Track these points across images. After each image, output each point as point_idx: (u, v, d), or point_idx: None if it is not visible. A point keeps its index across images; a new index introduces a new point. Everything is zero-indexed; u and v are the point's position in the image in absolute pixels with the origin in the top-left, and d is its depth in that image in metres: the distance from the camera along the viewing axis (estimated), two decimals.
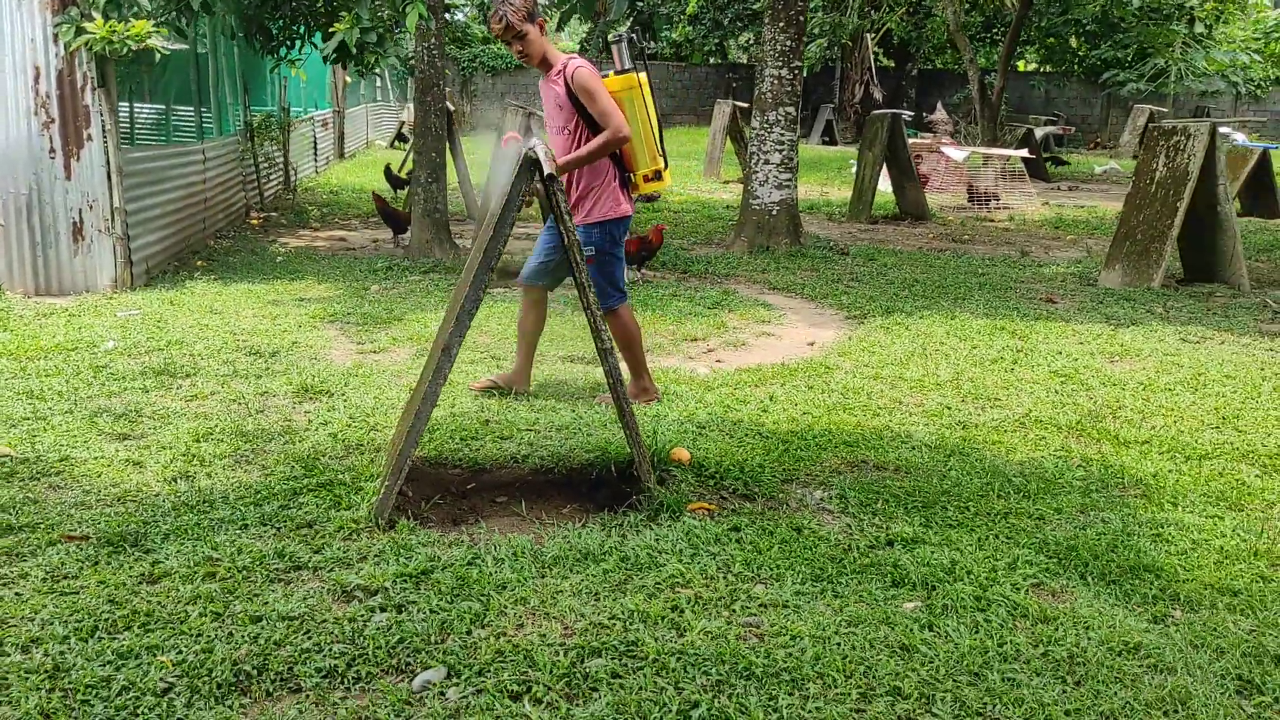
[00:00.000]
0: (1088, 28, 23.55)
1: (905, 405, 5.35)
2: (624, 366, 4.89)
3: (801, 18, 10.02)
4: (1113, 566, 3.47)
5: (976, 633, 3.03)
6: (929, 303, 7.96)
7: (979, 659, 2.89)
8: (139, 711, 2.61)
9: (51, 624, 2.98)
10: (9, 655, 2.83)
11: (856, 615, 3.11)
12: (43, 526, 3.64)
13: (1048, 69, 31.56)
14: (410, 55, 10.65)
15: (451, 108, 10.56)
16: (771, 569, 3.41)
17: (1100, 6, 20.10)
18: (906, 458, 4.53)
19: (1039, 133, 20.82)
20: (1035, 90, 31.29)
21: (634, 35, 5.18)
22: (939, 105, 24.98)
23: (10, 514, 3.72)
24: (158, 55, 7.53)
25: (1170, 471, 4.41)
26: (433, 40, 9.32)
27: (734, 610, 3.15)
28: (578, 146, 4.86)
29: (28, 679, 2.72)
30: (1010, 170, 16.07)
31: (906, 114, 14.36)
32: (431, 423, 4.73)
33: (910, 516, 3.88)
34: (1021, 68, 33.92)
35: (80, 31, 7.33)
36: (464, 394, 5.30)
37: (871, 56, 29.95)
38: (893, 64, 32.85)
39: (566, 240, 3.71)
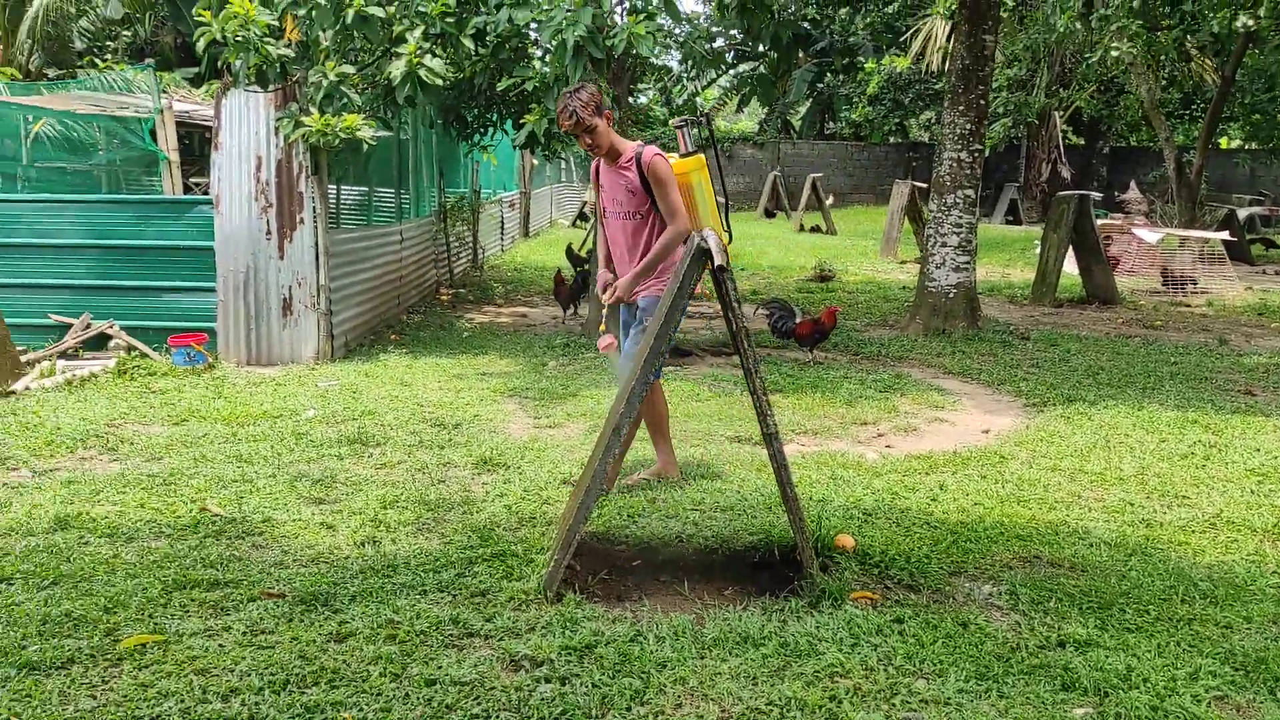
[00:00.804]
0: None
1: (1084, 499, 5.16)
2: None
3: (982, 101, 9.95)
4: None
5: None
6: (1115, 392, 7.65)
7: None
8: None
9: (249, 675, 3.23)
10: (210, 703, 3.08)
11: (1022, 718, 3.03)
12: (245, 583, 3.95)
13: (1253, 146, 29.94)
14: None
15: None
16: (934, 664, 3.36)
17: None
18: (1083, 555, 4.37)
19: (1242, 213, 19.77)
20: (1239, 168, 29.72)
21: (703, 119, 5.35)
22: (1132, 184, 24.06)
23: (218, 570, 4.05)
24: (365, 145, 8.16)
25: None
26: (615, 127, 9.70)
27: (893, 704, 3.11)
28: (649, 232, 5.00)
29: None
30: (1209, 253, 15.28)
31: (1094, 194, 13.93)
32: (600, 499, 4.88)
33: (1085, 617, 3.74)
34: (1224, 145, 32.33)
35: (298, 124, 8.03)
36: (631, 471, 5.44)
37: (1060, 134, 29.20)
38: (1082, 142, 31.91)
39: (734, 327, 3.81)
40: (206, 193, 10.35)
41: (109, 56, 19.85)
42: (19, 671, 3.22)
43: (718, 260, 3.52)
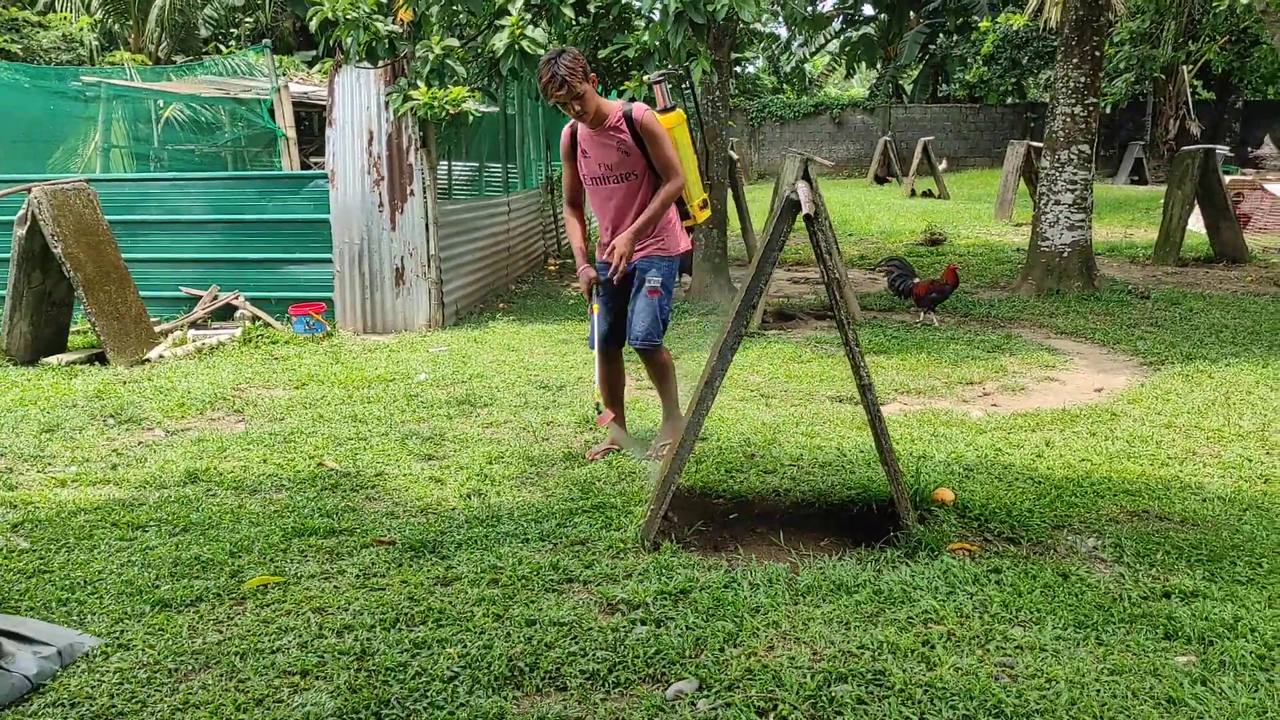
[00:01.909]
0: None
1: (1199, 456, 5.01)
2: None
3: (1098, 53, 9.60)
4: None
5: (1255, 692, 2.83)
6: (1239, 350, 7.36)
7: (1256, 718, 2.71)
8: (428, 694, 2.94)
9: (362, 614, 3.40)
10: (327, 638, 3.26)
11: (1120, 664, 2.99)
12: (359, 531, 4.14)
13: None
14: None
15: (735, 156, 10.91)
16: (1031, 612, 3.33)
17: None
18: (1195, 509, 4.26)
19: None
20: None
21: (683, 72, 5.16)
22: (1267, 139, 22.92)
23: (334, 519, 4.26)
24: (470, 117, 8.33)
25: None
26: (716, 93, 9.71)
27: (987, 649, 3.11)
28: (643, 192, 4.81)
29: (340, 659, 3.13)
30: None
31: (1222, 149, 13.30)
32: (699, 454, 4.95)
33: (1192, 569, 3.65)
34: None
35: (407, 99, 8.25)
36: (731, 428, 5.49)
37: (1188, 89, 27.90)
38: (1213, 96, 30.41)
39: (827, 279, 3.82)
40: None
41: (232, 43, 20.63)
42: (152, 608, 3.46)
43: (805, 210, 3.53)
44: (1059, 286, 9.76)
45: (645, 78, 6.47)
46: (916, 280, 8.81)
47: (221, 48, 18.45)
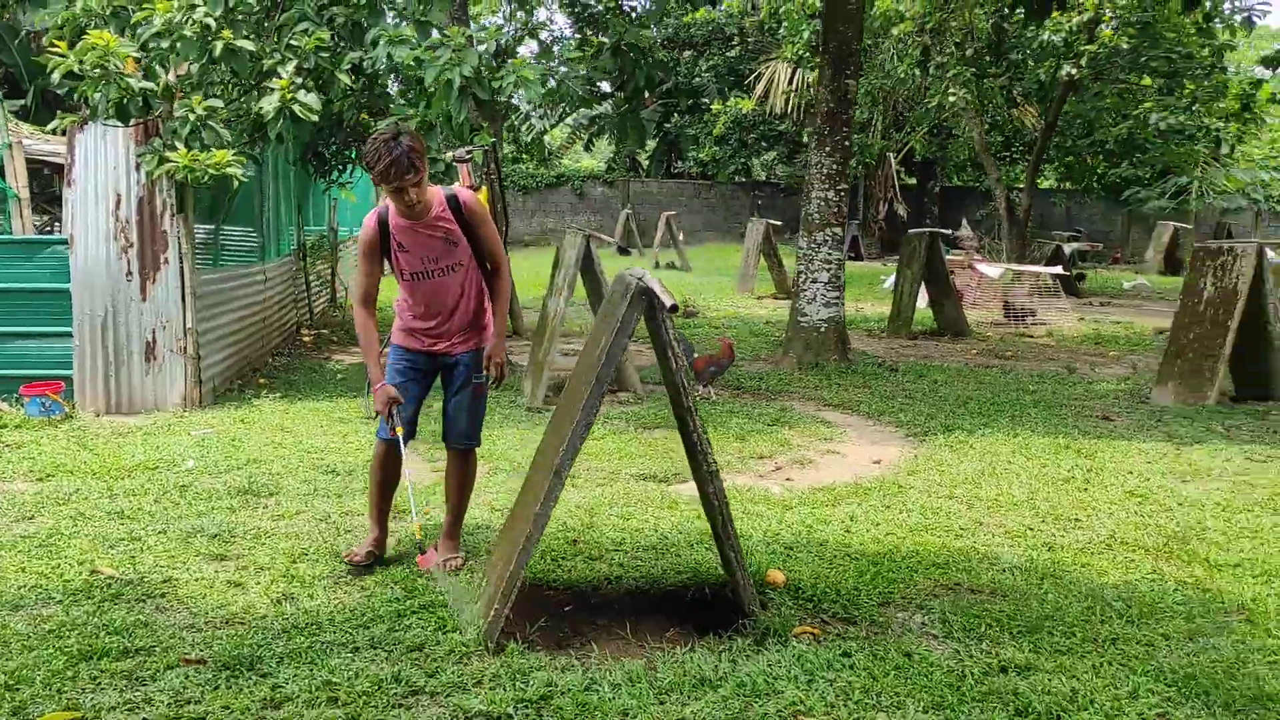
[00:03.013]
0: (1108, 148, 24.09)
1: (986, 526, 5.35)
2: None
3: (847, 143, 10.33)
4: (1235, 695, 3.43)
5: None
6: (987, 420, 7.99)
7: None
8: None
9: None
10: None
11: None
12: (159, 649, 3.67)
13: (1067, 186, 32.13)
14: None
15: (503, 227, 10.83)
16: (890, 696, 3.40)
17: (1126, 129, 20.60)
18: (999, 580, 4.52)
19: (1066, 249, 21.09)
20: (1056, 207, 31.81)
21: (486, 148, 5.12)
22: (964, 222, 25.37)
23: (125, 637, 3.76)
24: (235, 182, 7.81)
25: (1269, 595, 4.38)
26: (491, 166, 9.64)
27: None
28: (469, 278, 4.56)
29: None
30: (1042, 286, 16.25)
31: (945, 232, 14.62)
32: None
33: (1017, 642, 3.86)
34: (1041, 184, 34.53)
35: (163, 160, 7.63)
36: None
37: (895, 175, 30.62)
38: (915, 181, 33.51)
39: (675, 365, 3.80)
40: (41, 232, 9.70)
41: None
42: None
43: (668, 301, 3.51)
44: (818, 359, 10.28)
45: (449, 155, 6.29)
46: (695, 355, 9.02)
47: None
